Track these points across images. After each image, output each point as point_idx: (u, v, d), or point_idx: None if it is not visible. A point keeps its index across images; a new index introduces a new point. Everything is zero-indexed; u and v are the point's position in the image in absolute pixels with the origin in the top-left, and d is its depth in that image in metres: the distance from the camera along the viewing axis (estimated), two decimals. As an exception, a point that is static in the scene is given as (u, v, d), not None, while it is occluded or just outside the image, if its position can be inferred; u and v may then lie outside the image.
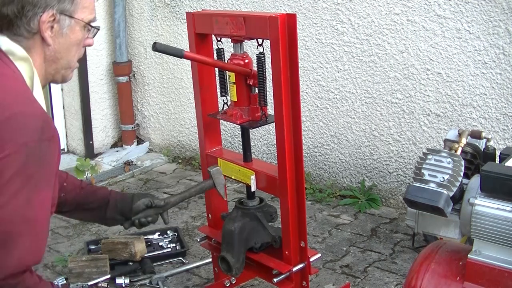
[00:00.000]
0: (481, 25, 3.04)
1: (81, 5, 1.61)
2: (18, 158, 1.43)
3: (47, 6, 1.56)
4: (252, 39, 2.17)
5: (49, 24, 1.57)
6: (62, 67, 1.66)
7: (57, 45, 1.61)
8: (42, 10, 1.55)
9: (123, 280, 2.80)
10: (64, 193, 1.99)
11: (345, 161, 3.70)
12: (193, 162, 4.35)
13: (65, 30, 1.60)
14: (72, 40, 1.63)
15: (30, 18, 1.55)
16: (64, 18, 1.59)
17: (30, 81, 1.58)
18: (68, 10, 1.59)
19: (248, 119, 2.21)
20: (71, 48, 1.64)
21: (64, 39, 1.61)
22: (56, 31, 1.59)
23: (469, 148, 1.97)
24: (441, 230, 1.89)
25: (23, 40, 1.58)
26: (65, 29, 1.60)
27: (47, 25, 1.57)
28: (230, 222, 2.23)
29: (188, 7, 4.13)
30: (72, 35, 1.62)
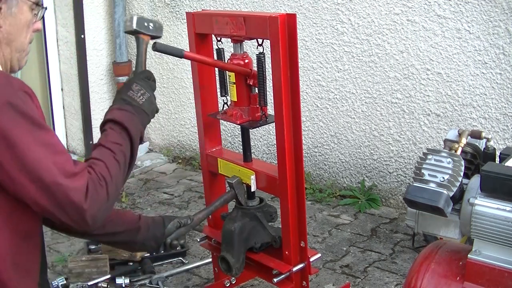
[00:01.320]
0: (481, 25, 3.05)
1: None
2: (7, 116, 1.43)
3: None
4: (252, 39, 2.17)
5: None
6: (16, 50, 1.64)
7: (7, 26, 1.59)
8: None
9: (123, 280, 2.80)
10: None
11: (345, 161, 3.70)
12: (193, 162, 4.35)
13: (14, 10, 1.59)
14: (21, 20, 1.62)
15: None
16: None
17: None
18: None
19: (248, 119, 2.21)
20: (22, 29, 1.62)
21: (13, 19, 1.60)
22: (4, 12, 1.58)
23: (469, 148, 1.97)
24: (441, 230, 1.89)
25: None
26: (13, 8, 1.59)
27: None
28: (230, 222, 2.23)
29: (188, 7, 4.13)
30: (21, 15, 1.61)
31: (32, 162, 1.45)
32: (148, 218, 2.03)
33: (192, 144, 4.42)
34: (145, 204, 3.74)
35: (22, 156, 1.44)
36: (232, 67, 2.17)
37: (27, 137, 1.45)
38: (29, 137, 1.45)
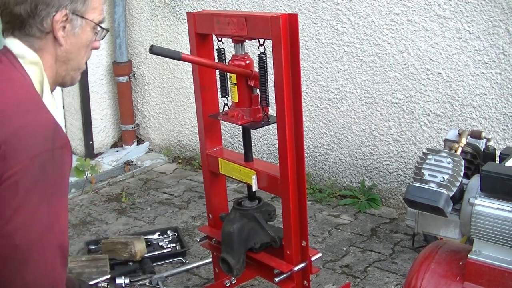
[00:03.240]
0: (481, 25, 3.05)
1: (91, 6, 1.62)
2: (32, 171, 1.40)
3: (60, 5, 1.55)
4: (253, 39, 2.17)
5: (62, 24, 1.57)
6: (72, 68, 1.66)
7: (68, 45, 1.61)
8: (55, 10, 1.55)
9: (123, 280, 2.80)
10: None
11: (345, 161, 3.71)
12: (193, 162, 4.35)
13: (77, 30, 1.60)
14: (83, 40, 1.63)
15: (43, 17, 1.54)
16: (76, 18, 1.59)
17: (39, 86, 1.57)
18: (80, 11, 1.59)
19: (250, 120, 2.21)
20: (81, 49, 1.64)
21: (75, 39, 1.61)
22: (68, 31, 1.59)
23: (469, 148, 1.98)
24: (441, 230, 1.90)
25: (35, 41, 1.57)
26: (76, 29, 1.60)
27: (60, 25, 1.56)
28: (229, 223, 2.23)
29: (188, 7, 4.13)
30: (83, 35, 1.62)
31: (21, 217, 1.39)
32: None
33: (192, 144, 4.43)
34: (145, 204, 3.74)
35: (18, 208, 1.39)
36: (231, 69, 2.17)
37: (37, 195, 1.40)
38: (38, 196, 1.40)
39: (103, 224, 3.47)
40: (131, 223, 3.48)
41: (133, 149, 4.62)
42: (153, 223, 3.47)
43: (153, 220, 3.51)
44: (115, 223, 3.46)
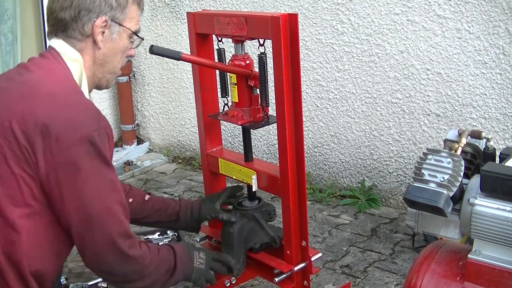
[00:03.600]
0: (481, 25, 3.05)
1: (129, 16, 1.77)
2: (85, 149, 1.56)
3: (101, 12, 1.71)
4: (253, 39, 2.17)
5: (101, 29, 1.73)
6: (108, 71, 1.81)
7: (106, 49, 1.76)
8: (96, 16, 1.71)
9: (124, 280, 2.79)
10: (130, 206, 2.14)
11: (345, 161, 3.71)
12: (193, 162, 4.36)
13: (114, 36, 1.76)
14: (119, 46, 1.78)
15: (85, 22, 1.70)
16: (114, 24, 1.74)
17: (78, 81, 1.71)
18: (118, 18, 1.75)
19: (250, 120, 2.21)
20: (118, 54, 1.79)
21: (112, 44, 1.76)
22: (106, 36, 1.74)
23: (469, 148, 1.97)
24: (441, 230, 1.89)
25: (76, 42, 1.73)
26: (114, 34, 1.76)
27: (99, 30, 1.72)
28: (229, 223, 2.23)
29: (188, 7, 4.14)
30: (120, 41, 1.77)
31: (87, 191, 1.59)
32: (187, 208, 2.26)
33: (192, 144, 4.43)
34: (145, 204, 3.74)
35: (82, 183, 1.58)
36: (231, 69, 2.17)
37: (93, 169, 1.58)
38: (95, 169, 1.59)
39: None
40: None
41: (133, 149, 4.62)
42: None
43: (153, 220, 3.51)
44: (115, 223, 3.46)
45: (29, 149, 1.55)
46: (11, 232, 1.59)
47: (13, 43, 4.06)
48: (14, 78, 1.70)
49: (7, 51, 4.04)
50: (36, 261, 1.64)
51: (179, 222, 2.25)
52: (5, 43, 4.02)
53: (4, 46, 4.02)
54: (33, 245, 1.62)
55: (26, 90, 1.63)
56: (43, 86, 1.63)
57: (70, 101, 1.61)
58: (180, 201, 2.30)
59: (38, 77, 1.67)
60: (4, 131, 1.57)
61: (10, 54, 4.06)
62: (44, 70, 1.70)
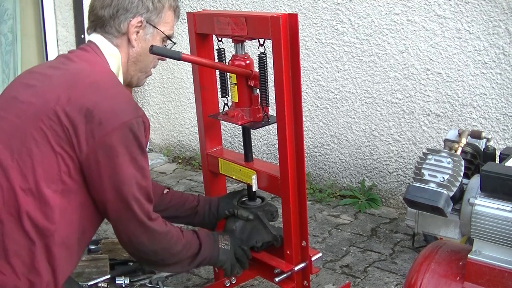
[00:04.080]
0: (481, 25, 3.05)
1: (164, 20, 1.90)
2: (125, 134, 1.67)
3: (137, 13, 1.84)
4: (253, 39, 2.17)
5: (136, 28, 1.85)
6: (140, 70, 1.92)
7: (139, 48, 1.88)
8: (132, 16, 1.84)
9: (123, 280, 2.80)
10: None
11: (345, 161, 3.71)
12: (193, 162, 4.36)
13: (148, 37, 1.88)
14: None
15: (122, 21, 1.84)
16: (149, 26, 1.87)
17: (116, 75, 1.83)
18: (153, 21, 1.87)
19: (250, 120, 2.21)
20: (150, 54, 1.88)
21: (145, 44, 1.88)
22: (140, 36, 1.87)
23: (469, 148, 1.98)
24: (441, 230, 1.90)
25: (113, 38, 1.85)
26: (148, 35, 1.88)
27: (134, 29, 1.85)
28: (231, 221, 2.23)
29: (188, 7, 4.14)
30: (153, 42, 1.88)
31: (124, 175, 1.69)
32: (206, 203, 2.31)
33: (192, 144, 4.43)
34: (145, 204, 3.74)
35: (118, 166, 1.68)
36: (231, 69, 2.17)
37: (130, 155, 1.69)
38: (131, 156, 1.70)
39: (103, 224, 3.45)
40: (131, 223, 3.48)
41: (133, 149, 4.61)
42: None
43: (153, 220, 3.51)
44: (115, 223, 3.46)
45: (71, 131, 1.65)
46: (45, 206, 1.68)
47: (13, 43, 4.07)
48: (58, 66, 1.81)
49: (7, 51, 4.04)
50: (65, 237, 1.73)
51: (197, 217, 2.29)
52: (5, 43, 4.02)
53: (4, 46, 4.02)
54: (64, 221, 1.71)
55: (71, 77, 1.74)
56: (87, 76, 1.74)
57: (112, 91, 1.73)
58: (199, 196, 2.34)
59: (81, 67, 1.78)
60: (48, 112, 1.67)
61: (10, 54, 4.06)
62: (86, 61, 1.81)
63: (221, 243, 2.08)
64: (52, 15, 4.29)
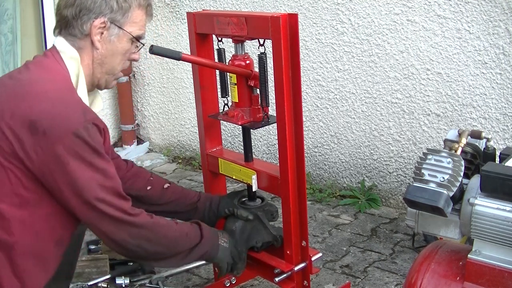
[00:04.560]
0: (481, 25, 3.05)
1: (131, 20, 1.81)
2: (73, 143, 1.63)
3: (100, 13, 1.76)
4: (253, 39, 2.17)
5: (100, 30, 1.78)
6: (106, 72, 1.85)
7: (104, 50, 1.80)
8: (95, 16, 1.76)
9: (123, 280, 2.80)
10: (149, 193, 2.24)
11: (345, 161, 3.71)
12: (193, 162, 4.36)
13: (113, 38, 1.80)
14: (118, 48, 1.82)
15: (84, 21, 1.76)
16: (113, 27, 1.79)
17: (76, 78, 1.77)
18: (119, 21, 1.79)
19: (250, 120, 2.21)
20: (117, 56, 1.83)
21: (111, 45, 1.81)
22: (104, 37, 1.79)
23: (469, 148, 1.98)
24: (441, 230, 1.90)
25: (76, 40, 1.79)
26: (113, 36, 1.80)
27: (97, 30, 1.77)
28: (231, 221, 2.23)
29: (188, 7, 4.14)
30: (118, 44, 1.81)
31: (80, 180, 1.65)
32: (206, 200, 2.30)
33: (192, 144, 4.43)
34: (145, 204, 3.74)
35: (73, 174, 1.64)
36: (231, 69, 2.17)
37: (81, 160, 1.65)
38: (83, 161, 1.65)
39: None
40: (131, 223, 3.48)
41: (133, 149, 4.62)
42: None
43: (153, 220, 3.51)
44: (115, 223, 3.46)
45: (17, 146, 1.63)
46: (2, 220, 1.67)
47: (13, 43, 4.06)
48: (15, 76, 1.78)
49: (7, 51, 4.04)
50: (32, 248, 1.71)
51: (197, 213, 2.27)
52: (5, 43, 4.02)
53: (4, 46, 4.02)
54: (27, 232, 1.69)
55: (19, 90, 1.70)
56: (37, 85, 1.71)
57: (58, 98, 1.67)
58: (200, 193, 2.33)
59: (33, 76, 1.74)
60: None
61: (10, 54, 4.05)
62: (42, 69, 1.76)
63: (221, 239, 2.07)
64: (52, 15, 4.28)
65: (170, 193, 2.27)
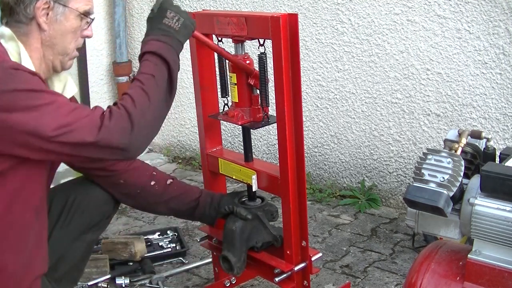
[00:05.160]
0: (481, 25, 3.05)
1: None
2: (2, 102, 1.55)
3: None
4: (253, 39, 2.17)
5: (44, 11, 1.72)
6: (58, 53, 1.79)
7: (52, 30, 1.75)
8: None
9: (123, 280, 2.80)
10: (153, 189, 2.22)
11: (345, 161, 3.71)
12: (193, 162, 4.36)
13: (59, 17, 1.74)
14: (67, 27, 1.76)
15: (27, 5, 1.71)
16: (58, 6, 1.74)
17: (17, 55, 1.72)
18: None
19: (250, 120, 2.21)
20: (66, 35, 1.77)
21: (58, 25, 1.75)
22: (50, 18, 1.73)
23: (469, 148, 1.98)
24: (441, 230, 1.90)
25: (23, 26, 1.74)
26: (58, 15, 1.74)
27: (42, 12, 1.72)
28: (231, 221, 2.23)
29: (188, 7, 4.14)
30: (66, 22, 1.75)
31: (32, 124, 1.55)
32: (208, 196, 2.28)
33: (192, 144, 4.43)
34: (145, 204, 3.74)
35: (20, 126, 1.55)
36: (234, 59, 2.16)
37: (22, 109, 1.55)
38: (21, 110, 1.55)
39: (103, 224, 3.47)
40: (131, 223, 3.49)
41: (133, 149, 4.61)
42: (153, 223, 3.47)
43: (153, 220, 3.51)
44: (115, 223, 3.46)
45: None
46: None
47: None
48: None
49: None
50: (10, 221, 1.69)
51: (199, 208, 2.26)
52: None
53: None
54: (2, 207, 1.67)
55: None
56: None
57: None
58: (202, 189, 2.34)
59: None
60: None
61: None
62: None
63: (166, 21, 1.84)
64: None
65: (173, 188, 2.27)
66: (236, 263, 2.20)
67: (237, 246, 2.21)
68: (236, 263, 2.20)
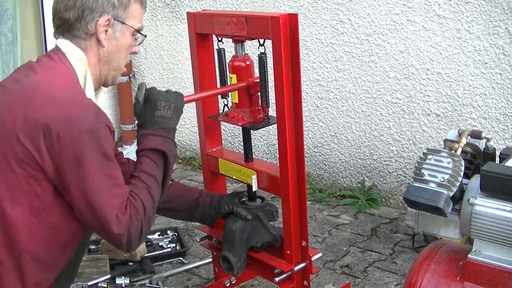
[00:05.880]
0: (481, 25, 3.05)
1: (131, 14, 1.83)
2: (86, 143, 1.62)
3: (103, 11, 1.77)
4: (253, 39, 2.17)
5: (104, 27, 1.78)
6: (113, 69, 1.87)
7: (110, 47, 1.82)
8: (99, 15, 1.77)
9: (123, 280, 2.80)
10: None
11: (345, 161, 3.71)
12: (193, 162, 4.36)
13: (117, 34, 1.82)
14: (123, 43, 1.84)
15: (88, 21, 1.77)
16: (117, 23, 1.80)
17: (83, 79, 1.78)
18: (121, 17, 1.81)
19: (250, 120, 2.21)
20: (122, 51, 1.85)
21: (116, 42, 1.82)
22: (109, 34, 1.80)
23: (469, 148, 1.98)
24: (441, 230, 1.90)
25: (81, 41, 1.79)
26: (117, 32, 1.82)
27: (102, 28, 1.78)
28: (231, 221, 2.23)
29: (188, 7, 4.14)
30: (123, 39, 1.83)
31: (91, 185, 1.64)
32: (208, 197, 2.29)
33: (192, 144, 4.43)
34: (145, 204, 3.74)
35: (85, 177, 1.64)
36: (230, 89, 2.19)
37: (95, 163, 1.64)
38: (96, 164, 1.65)
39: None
40: (131, 223, 3.48)
41: (133, 149, 4.60)
42: (153, 223, 3.47)
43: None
44: (115, 223, 3.46)
45: (33, 150, 1.63)
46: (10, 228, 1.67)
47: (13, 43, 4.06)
48: (20, 79, 1.76)
49: (7, 51, 4.04)
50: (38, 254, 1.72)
51: (198, 209, 2.27)
52: (5, 43, 4.02)
53: (4, 46, 4.02)
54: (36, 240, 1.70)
55: (27, 93, 1.69)
56: (46, 88, 1.69)
57: (69, 100, 1.67)
58: (202, 190, 2.35)
59: (41, 79, 1.73)
60: (7, 133, 1.65)
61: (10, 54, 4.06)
62: (48, 72, 1.75)
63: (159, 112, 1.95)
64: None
65: (173, 190, 2.27)
66: (236, 263, 2.20)
67: (237, 246, 2.20)
68: (236, 263, 2.20)
